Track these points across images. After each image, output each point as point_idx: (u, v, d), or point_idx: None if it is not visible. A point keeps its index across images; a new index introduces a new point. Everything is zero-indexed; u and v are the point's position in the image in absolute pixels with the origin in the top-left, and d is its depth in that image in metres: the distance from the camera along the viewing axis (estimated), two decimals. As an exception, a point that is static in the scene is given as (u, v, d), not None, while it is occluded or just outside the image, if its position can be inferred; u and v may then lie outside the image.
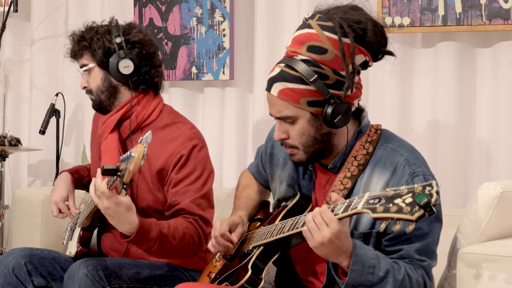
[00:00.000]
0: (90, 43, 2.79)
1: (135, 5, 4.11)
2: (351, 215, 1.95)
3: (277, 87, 2.18)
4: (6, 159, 4.22)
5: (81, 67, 2.85)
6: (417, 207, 1.79)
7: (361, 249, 2.04)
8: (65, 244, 3.07)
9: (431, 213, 1.78)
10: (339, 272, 2.09)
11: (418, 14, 3.22)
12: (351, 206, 1.94)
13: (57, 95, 4.20)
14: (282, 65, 2.19)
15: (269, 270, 2.44)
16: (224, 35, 3.81)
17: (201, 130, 3.90)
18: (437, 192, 1.79)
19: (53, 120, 4.20)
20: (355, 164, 2.22)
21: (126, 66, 2.75)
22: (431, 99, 3.27)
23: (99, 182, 2.39)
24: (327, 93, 2.14)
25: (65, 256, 2.95)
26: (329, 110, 2.14)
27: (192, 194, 2.71)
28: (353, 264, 2.02)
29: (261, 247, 2.28)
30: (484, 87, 3.18)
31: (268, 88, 2.21)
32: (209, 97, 3.94)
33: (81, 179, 3.08)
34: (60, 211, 2.98)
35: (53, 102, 4.19)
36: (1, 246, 4.14)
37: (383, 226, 1.87)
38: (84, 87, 2.86)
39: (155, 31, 4.03)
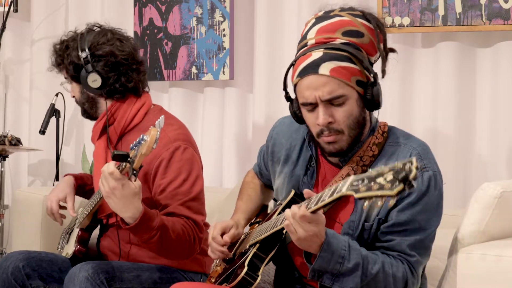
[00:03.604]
0: (62, 59, 2.84)
1: (135, 5, 4.11)
2: (337, 199, 1.97)
3: (328, 66, 2.15)
4: (6, 159, 4.22)
5: (65, 79, 2.92)
6: (397, 182, 1.80)
7: (333, 238, 2.08)
8: (59, 250, 3.06)
9: (410, 186, 1.79)
10: (312, 259, 2.12)
11: (418, 14, 3.22)
12: (336, 190, 1.96)
13: (57, 95, 4.21)
14: (321, 49, 2.18)
15: (269, 270, 2.44)
16: (224, 35, 3.81)
17: (201, 130, 3.95)
18: (417, 168, 1.79)
19: (53, 120, 4.21)
20: (360, 164, 2.24)
21: (94, 80, 2.78)
22: (431, 99, 3.27)
23: (107, 164, 2.38)
24: (374, 73, 2.19)
25: (62, 257, 2.93)
26: (376, 90, 2.18)
27: (181, 197, 2.67)
28: (322, 251, 2.07)
29: (257, 244, 2.28)
30: (484, 87, 3.18)
31: (313, 71, 2.16)
32: (209, 97, 3.94)
33: (83, 186, 3.06)
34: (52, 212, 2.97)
35: (53, 102, 4.19)
36: (1, 246, 4.15)
37: (365, 204, 1.89)
38: (73, 96, 2.93)
39: (155, 31, 4.03)
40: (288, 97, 2.31)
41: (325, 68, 2.15)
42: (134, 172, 2.31)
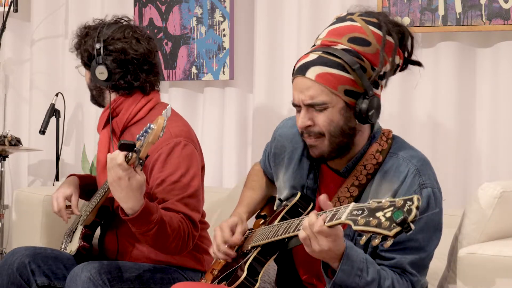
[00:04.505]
0: (80, 44, 2.88)
1: (135, 5, 4.11)
2: (335, 225, 1.94)
3: (315, 70, 2.13)
4: (6, 159, 4.22)
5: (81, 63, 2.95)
6: (394, 224, 1.78)
7: (351, 251, 2.04)
8: (63, 249, 3.05)
9: (408, 230, 1.77)
10: (329, 272, 2.09)
11: (418, 14, 3.22)
12: (336, 216, 1.93)
13: (57, 95, 4.21)
14: (319, 52, 2.16)
15: (270, 270, 2.44)
16: (224, 35, 3.81)
17: (201, 130, 3.95)
18: (417, 208, 1.76)
19: (53, 120, 4.21)
20: (364, 173, 2.20)
21: (101, 73, 2.81)
22: (431, 99, 3.27)
23: (116, 153, 2.36)
24: (367, 84, 2.13)
25: (67, 255, 2.94)
26: (365, 103, 2.13)
27: (178, 193, 2.66)
28: (342, 264, 2.01)
29: (259, 248, 2.27)
30: (484, 87, 3.18)
31: (302, 72, 2.15)
32: (209, 97, 3.94)
33: (86, 186, 3.06)
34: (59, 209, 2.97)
35: (53, 102, 4.19)
36: (1, 246, 4.15)
37: (363, 239, 1.86)
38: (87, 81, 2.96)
39: (155, 31, 4.03)
40: None
41: (312, 72, 2.14)
42: (141, 161, 2.32)
